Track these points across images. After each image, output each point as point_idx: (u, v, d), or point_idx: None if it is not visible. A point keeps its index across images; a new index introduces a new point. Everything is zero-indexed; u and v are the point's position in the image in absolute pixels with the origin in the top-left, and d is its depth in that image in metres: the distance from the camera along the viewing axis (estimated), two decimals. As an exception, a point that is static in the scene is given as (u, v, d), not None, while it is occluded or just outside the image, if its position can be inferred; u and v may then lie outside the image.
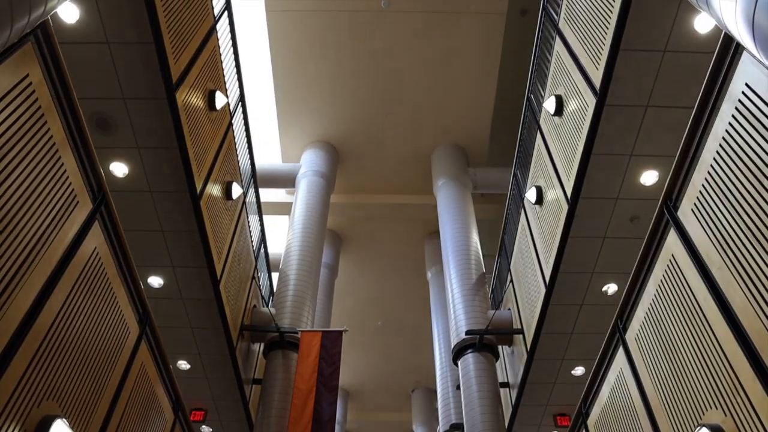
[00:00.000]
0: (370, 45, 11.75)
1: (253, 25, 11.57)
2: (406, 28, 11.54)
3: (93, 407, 4.15)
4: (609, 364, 5.28)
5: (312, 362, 7.35)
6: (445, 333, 12.02)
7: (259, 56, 11.96)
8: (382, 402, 18.26)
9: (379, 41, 11.71)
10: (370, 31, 11.59)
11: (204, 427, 10.37)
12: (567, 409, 9.96)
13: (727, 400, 3.48)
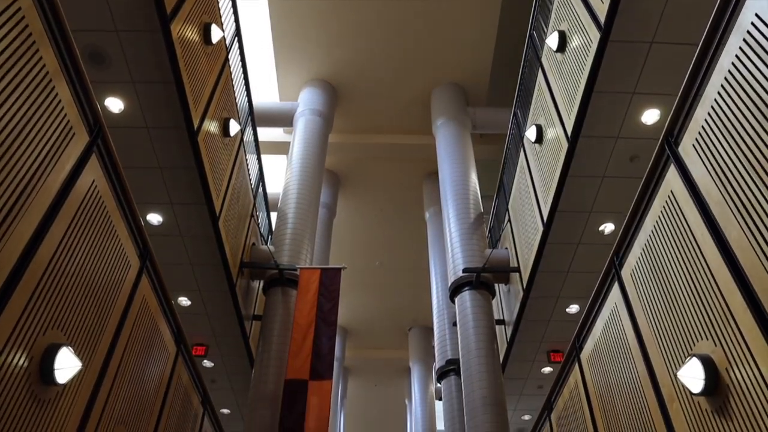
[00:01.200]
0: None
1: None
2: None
3: (97, 338, 4.23)
4: (604, 300, 5.37)
5: (311, 298, 7.47)
6: (442, 272, 12.17)
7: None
8: (380, 340, 18.65)
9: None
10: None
11: (205, 361, 10.61)
12: (560, 346, 10.20)
13: (717, 331, 3.55)
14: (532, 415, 12.22)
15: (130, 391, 4.88)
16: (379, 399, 20.59)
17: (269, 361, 7.60)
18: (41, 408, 3.56)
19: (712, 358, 3.57)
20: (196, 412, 6.70)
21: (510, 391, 11.19)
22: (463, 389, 7.54)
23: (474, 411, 7.08)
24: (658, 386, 4.29)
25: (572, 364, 6.21)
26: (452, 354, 10.24)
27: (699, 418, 3.76)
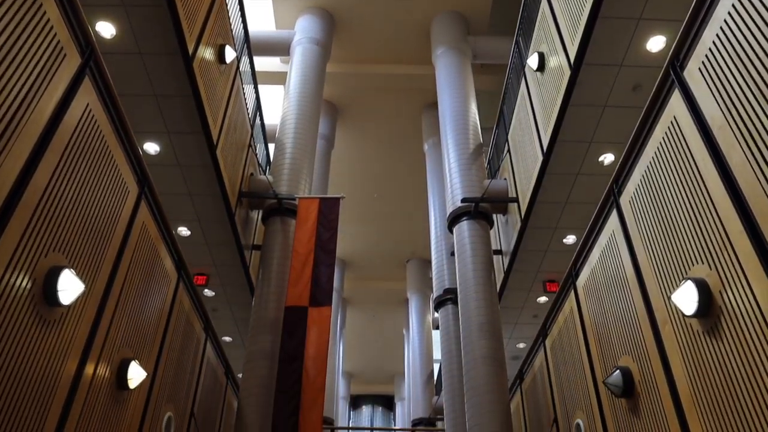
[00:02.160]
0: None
1: None
2: None
3: (98, 262, 4.27)
4: (601, 228, 5.40)
5: (310, 227, 7.51)
6: (440, 203, 12.20)
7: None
8: (379, 271, 18.88)
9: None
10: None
11: (206, 291, 10.78)
12: (556, 276, 10.35)
13: (713, 255, 3.59)
14: (526, 343, 12.55)
15: (134, 315, 4.97)
16: (377, 329, 21.05)
17: (269, 289, 7.72)
18: (47, 328, 3.63)
19: (706, 282, 3.62)
20: (198, 337, 6.86)
21: (506, 320, 11.44)
22: (460, 317, 7.70)
23: (470, 338, 7.25)
24: (652, 310, 4.37)
25: (568, 292, 6.31)
26: (450, 284, 10.39)
27: (690, 340, 3.85)
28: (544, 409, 7.05)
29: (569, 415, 6.18)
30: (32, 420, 3.52)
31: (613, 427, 5.07)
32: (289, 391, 6.48)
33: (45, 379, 3.65)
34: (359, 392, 25.25)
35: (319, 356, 6.68)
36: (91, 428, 4.30)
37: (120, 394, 4.74)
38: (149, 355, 5.36)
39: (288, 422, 6.32)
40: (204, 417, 7.09)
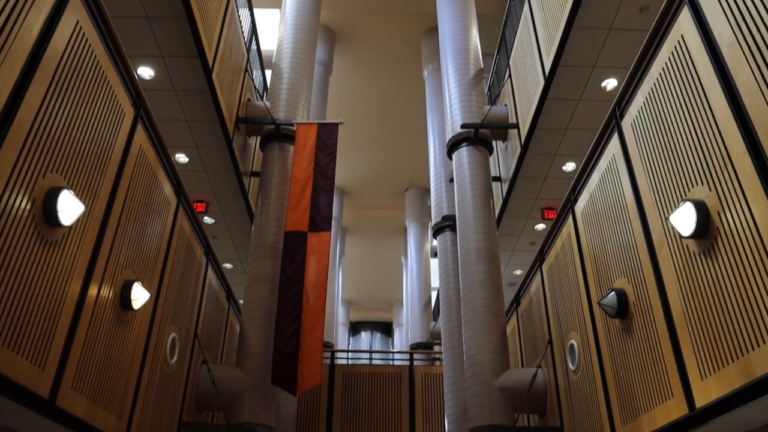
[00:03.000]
0: None
1: None
2: None
3: (97, 183, 4.25)
4: (602, 151, 5.37)
5: (309, 153, 7.45)
6: (440, 130, 12.08)
7: None
8: (377, 200, 18.92)
9: None
10: None
11: (206, 218, 10.83)
12: (554, 203, 10.38)
13: (714, 176, 3.58)
14: (523, 270, 12.73)
15: (135, 238, 5.00)
16: (376, 257, 21.32)
17: (268, 215, 7.74)
18: (50, 249, 3.66)
19: (705, 203, 3.63)
20: (199, 261, 6.94)
21: (503, 247, 11.57)
22: (459, 243, 7.76)
23: (468, 262, 7.34)
24: (650, 232, 4.40)
25: (566, 217, 6.34)
26: (448, 211, 10.43)
27: (686, 261, 3.90)
28: (540, 331, 7.23)
29: (563, 337, 6.34)
30: (40, 339, 3.60)
31: (606, 346, 5.21)
32: (290, 314, 6.62)
33: (50, 300, 3.71)
34: (358, 319, 25.86)
35: (319, 280, 6.78)
36: (98, 348, 4.41)
37: (124, 315, 4.83)
38: (151, 277, 5.43)
39: (289, 344, 6.48)
40: (207, 339, 7.27)
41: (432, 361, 12.70)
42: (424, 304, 16.33)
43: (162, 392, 5.80)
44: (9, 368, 3.30)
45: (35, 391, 3.58)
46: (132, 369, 5.07)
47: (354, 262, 21.09)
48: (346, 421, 9.80)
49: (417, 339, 15.36)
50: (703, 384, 3.71)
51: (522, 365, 7.99)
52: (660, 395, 4.26)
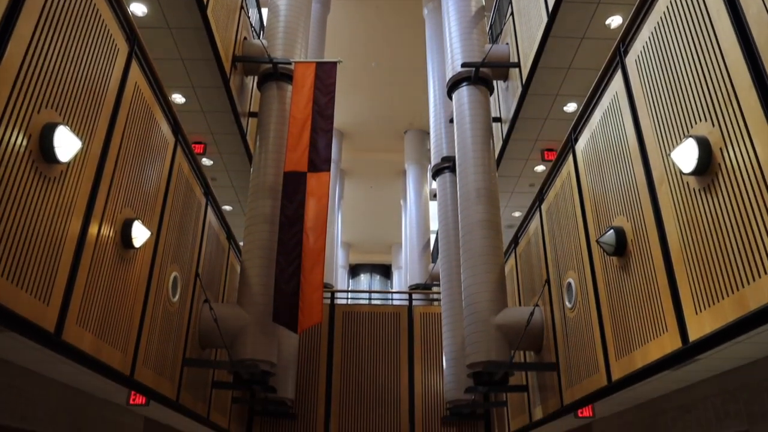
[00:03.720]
0: None
1: None
2: None
3: (93, 120, 4.20)
4: (605, 89, 5.29)
5: (307, 92, 7.35)
6: (440, 71, 11.88)
7: None
8: (376, 142, 18.78)
9: None
10: None
11: (204, 159, 10.77)
12: (554, 145, 10.31)
13: (718, 112, 3.54)
14: (522, 212, 12.76)
15: (134, 177, 4.98)
16: (375, 200, 21.33)
17: (267, 155, 7.69)
18: (49, 185, 3.65)
19: (707, 139, 3.60)
20: (199, 201, 6.94)
21: (502, 189, 11.56)
22: (458, 183, 7.74)
23: (467, 203, 7.35)
24: (650, 170, 4.39)
25: (566, 156, 6.31)
26: (448, 152, 10.38)
27: (685, 198, 3.90)
28: (537, 270, 7.31)
29: (561, 275, 6.42)
30: (43, 275, 3.64)
31: (604, 284, 5.28)
32: (290, 254, 6.67)
33: (51, 236, 3.72)
34: (358, 261, 26.11)
35: (319, 220, 6.80)
36: (101, 285, 4.46)
37: (126, 253, 4.87)
38: (151, 216, 5.44)
39: (290, 283, 6.56)
40: (208, 279, 7.36)
41: (430, 301, 12.89)
42: (423, 247, 16.46)
43: (165, 329, 5.91)
44: (14, 302, 3.34)
45: (41, 325, 3.64)
46: (135, 306, 5.15)
47: (353, 205, 21.12)
48: (346, 359, 10.02)
49: (416, 281, 15.55)
50: (698, 318, 3.78)
51: (519, 305, 8.12)
52: (654, 330, 4.35)
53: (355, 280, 27.04)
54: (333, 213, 15.75)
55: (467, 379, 7.84)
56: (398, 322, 10.35)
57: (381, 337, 10.23)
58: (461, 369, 8.31)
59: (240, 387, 7.56)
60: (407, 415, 9.65)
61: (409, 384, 9.86)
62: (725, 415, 5.55)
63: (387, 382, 9.88)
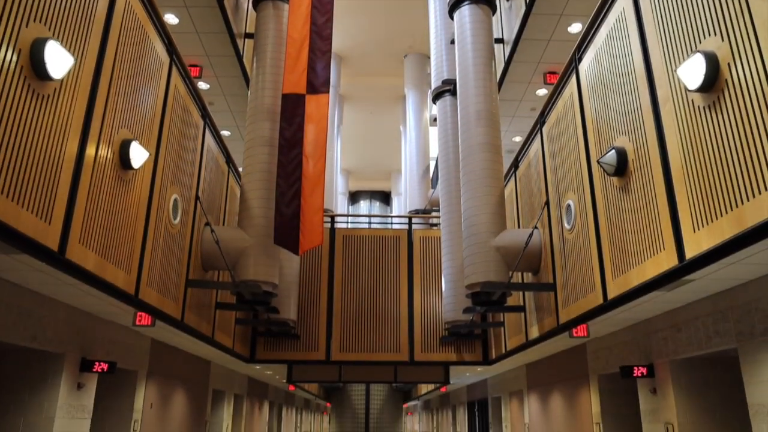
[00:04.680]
0: None
1: None
2: None
3: (84, 36, 4.09)
4: (611, 5, 5.13)
5: (304, 11, 7.11)
6: (441, -10, 11.46)
7: None
8: (375, 67, 18.37)
9: None
10: None
11: (201, 83, 10.59)
12: (557, 68, 10.10)
13: (728, 25, 3.44)
14: (522, 137, 12.66)
15: (129, 96, 4.90)
16: (374, 126, 21.09)
17: (264, 77, 7.54)
18: (43, 103, 3.59)
19: (715, 54, 3.52)
20: (197, 124, 6.86)
21: (503, 113, 11.44)
22: (458, 105, 7.62)
23: (468, 125, 7.27)
24: (655, 88, 4.31)
25: (570, 76, 6.19)
26: (448, 75, 10.16)
27: (689, 116, 3.85)
28: (537, 193, 7.32)
29: (560, 197, 6.43)
30: (43, 194, 3.63)
31: (603, 205, 5.30)
32: (290, 177, 6.64)
33: (49, 156, 3.69)
34: (357, 188, 26.14)
35: (318, 143, 6.75)
36: (102, 205, 4.47)
37: (125, 174, 4.85)
38: (149, 137, 5.39)
39: (290, 205, 6.57)
40: (208, 203, 7.37)
41: (430, 226, 12.99)
42: (423, 173, 16.43)
43: (168, 251, 5.97)
44: (15, 220, 3.36)
45: (44, 244, 3.67)
46: (137, 227, 5.18)
47: (352, 131, 20.90)
48: (346, 282, 10.20)
49: (415, 206, 15.61)
50: (695, 236, 3.81)
51: (519, 228, 8.18)
52: (651, 249, 4.39)
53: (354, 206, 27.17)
54: (332, 139, 15.60)
55: (466, 300, 8.00)
56: (398, 245, 10.47)
57: (381, 260, 10.38)
58: (460, 290, 8.47)
59: (243, 308, 7.73)
60: (407, 335, 9.92)
61: (408, 305, 10.08)
62: (715, 334, 5.70)
63: (387, 304, 10.10)
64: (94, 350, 6.97)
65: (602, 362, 8.46)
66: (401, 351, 9.86)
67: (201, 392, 11.76)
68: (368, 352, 9.84)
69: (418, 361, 9.83)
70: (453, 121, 9.60)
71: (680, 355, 6.40)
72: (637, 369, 7.03)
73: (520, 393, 13.07)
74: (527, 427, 12.36)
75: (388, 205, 26.08)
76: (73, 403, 6.65)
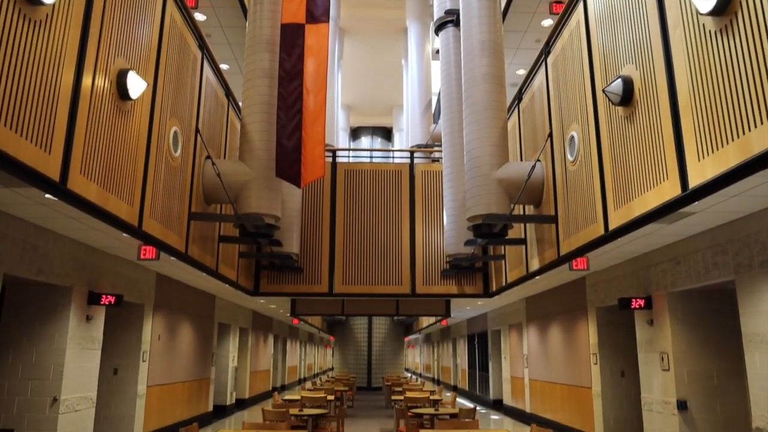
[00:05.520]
0: None
1: None
2: None
3: (76, -40, 3.95)
4: (623, -75, 4.92)
5: (302, -65, 6.83)
6: None
7: None
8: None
9: None
10: None
11: (197, 14, 10.31)
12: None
13: (744, -56, 3.30)
14: (526, 70, 12.42)
15: (124, 25, 4.77)
16: (375, 60, 20.67)
17: (263, 6, 7.31)
18: (35, 29, 3.49)
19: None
20: (195, 55, 6.71)
21: (507, 45, 11.18)
22: (462, 36, 7.43)
23: (471, 56, 7.11)
24: (665, 13, 4.19)
25: (577, 3, 6.01)
26: (451, 4, 9.87)
27: (699, 41, 3.75)
28: (540, 126, 7.24)
29: (564, 129, 6.36)
30: (41, 124, 3.59)
31: (607, 135, 5.24)
32: (290, 109, 6.55)
33: (45, 85, 3.63)
34: (358, 124, 25.89)
35: (319, 74, 6.62)
36: (101, 136, 4.43)
37: (123, 105, 4.78)
38: (146, 68, 5.29)
39: (292, 138, 6.50)
40: (209, 136, 7.31)
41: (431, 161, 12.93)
42: (425, 108, 16.22)
43: (169, 184, 5.97)
44: (14, 149, 3.33)
45: (45, 174, 3.66)
46: (138, 159, 5.15)
47: (353, 65, 20.51)
48: (348, 216, 10.24)
49: (417, 141, 15.49)
50: (700, 165, 3.78)
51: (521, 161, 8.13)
52: (655, 179, 4.38)
53: (356, 142, 26.99)
54: (333, 74, 15.31)
55: (467, 233, 8.06)
56: (399, 179, 10.45)
57: (383, 194, 10.38)
58: (462, 224, 8.51)
59: (246, 241, 7.79)
60: (408, 268, 10.03)
61: (410, 239, 10.15)
62: (713, 266, 5.76)
63: (389, 238, 10.17)
64: (100, 284, 7.07)
65: (601, 295, 8.59)
66: (403, 284, 10.00)
67: (207, 325, 12.02)
68: (370, 284, 9.98)
69: (419, 293, 9.98)
70: (456, 53, 9.39)
71: (678, 287, 6.48)
72: (635, 301, 7.14)
73: (520, 326, 13.35)
74: (526, 358, 12.68)
75: (390, 141, 25.91)
76: (83, 334, 6.81)
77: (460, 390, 20.83)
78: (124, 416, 8.42)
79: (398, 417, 8.57)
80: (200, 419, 11.19)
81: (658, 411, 6.96)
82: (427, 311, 13.06)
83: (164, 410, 9.62)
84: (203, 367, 11.79)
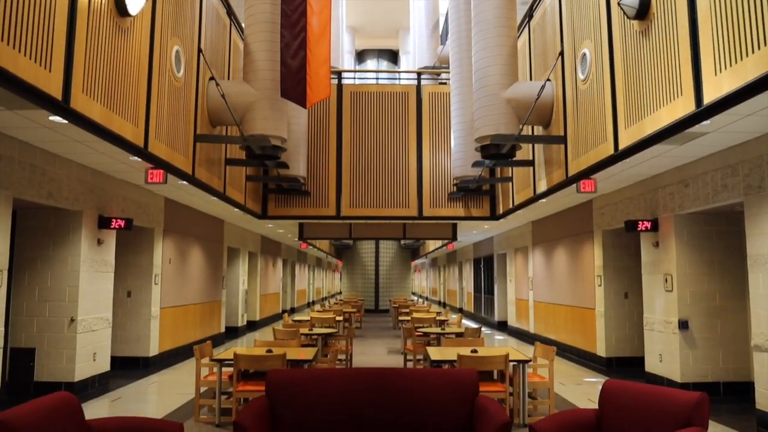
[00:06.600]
0: None
1: None
2: None
3: None
4: None
5: None
6: None
7: None
8: None
9: None
10: None
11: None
12: None
13: None
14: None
15: (119, -64, 4.57)
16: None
17: None
18: (26, -62, 3.35)
19: None
20: (194, -30, 6.48)
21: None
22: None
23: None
24: None
25: None
26: None
27: (723, -53, 3.57)
28: (551, 43, 7.02)
29: (576, 47, 6.18)
30: (38, 40, 3.51)
31: (621, 51, 5.09)
32: (294, 27, 6.36)
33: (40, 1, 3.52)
34: (364, 47, 25.26)
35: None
36: (101, 56, 4.33)
37: (123, 22, 4.65)
38: (145, -17, 5.10)
39: (296, 57, 6.34)
40: (212, 57, 7.14)
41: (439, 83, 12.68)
42: (432, 29, 15.77)
43: (174, 105, 5.89)
44: (13, 65, 3.27)
45: (46, 91, 3.61)
46: (140, 79, 5.06)
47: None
48: (355, 138, 10.14)
49: (424, 64, 15.16)
50: (716, 79, 3.68)
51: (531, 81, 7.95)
52: (668, 96, 4.27)
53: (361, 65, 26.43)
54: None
55: (475, 155, 7.99)
56: (406, 101, 10.27)
57: (389, 116, 10.23)
58: (469, 146, 8.43)
59: (253, 163, 7.76)
60: (416, 191, 10.02)
61: (417, 161, 10.09)
62: (723, 188, 5.72)
63: (396, 160, 10.11)
64: (110, 208, 7.12)
65: (607, 218, 8.60)
66: (410, 207, 10.02)
67: (216, 249, 12.19)
68: (378, 207, 10.00)
69: (426, 216, 10.01)
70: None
71: (686, 209, 6.47)
72: (641, 223, 7.15)
73: (525, 249, 13.47)
74: (531, 280, 12.87)
75: (396, 64, 25.36)
76: (96, 257, 6.92)
77: (465, 312, 21.30)
78: (140, 336, 8.68)
79: (405, 336, 8.79)
80: (213, 339, 11.53)
81: (660, 330, 7.11)
82: (434, 235, 13.16)
83: (178, 331, 9.91)
84: (214, 290, 12.05)
